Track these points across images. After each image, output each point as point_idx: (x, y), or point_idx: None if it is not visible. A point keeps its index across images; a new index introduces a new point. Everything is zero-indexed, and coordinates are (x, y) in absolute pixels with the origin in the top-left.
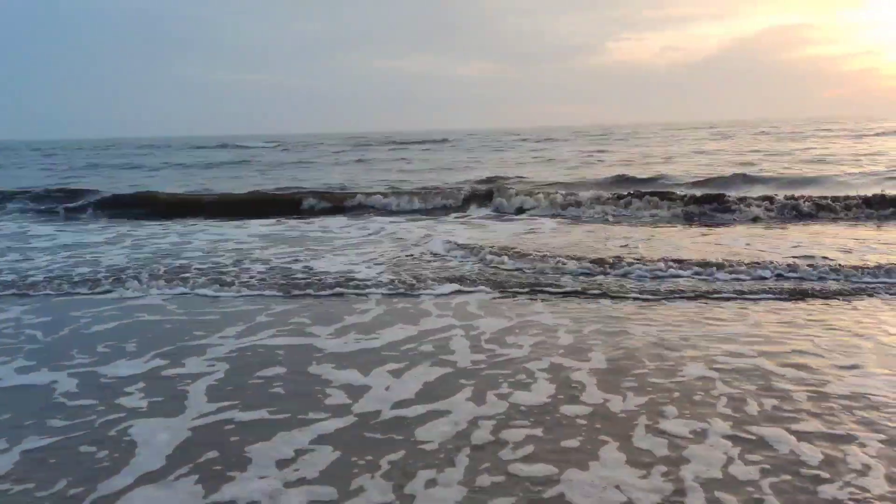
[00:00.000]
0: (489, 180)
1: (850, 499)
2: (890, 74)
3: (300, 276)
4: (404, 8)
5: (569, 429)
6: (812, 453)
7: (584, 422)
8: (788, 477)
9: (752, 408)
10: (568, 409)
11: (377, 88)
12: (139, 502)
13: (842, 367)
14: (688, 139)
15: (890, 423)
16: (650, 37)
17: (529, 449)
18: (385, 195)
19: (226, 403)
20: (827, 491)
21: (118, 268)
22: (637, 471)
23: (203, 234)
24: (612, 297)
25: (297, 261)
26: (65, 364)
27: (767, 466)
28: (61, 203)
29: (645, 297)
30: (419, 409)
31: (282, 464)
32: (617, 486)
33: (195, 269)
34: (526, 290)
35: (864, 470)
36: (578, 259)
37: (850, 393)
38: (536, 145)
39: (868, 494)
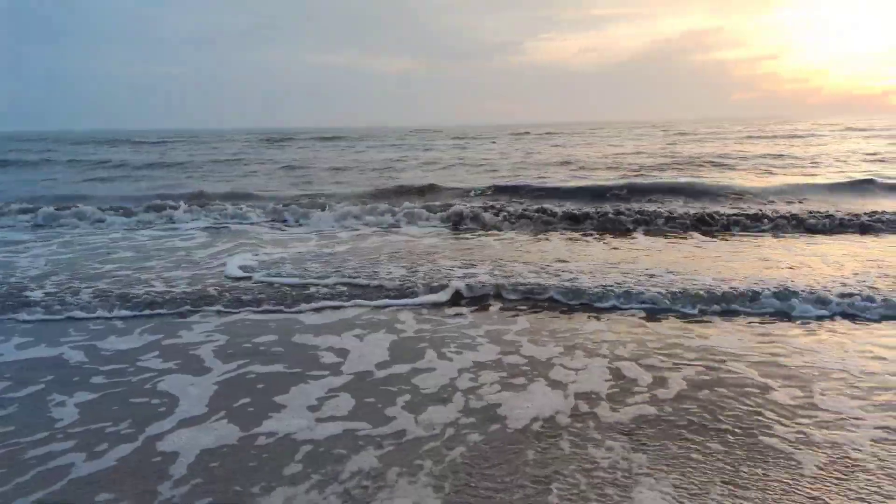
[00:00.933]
0: (425, 188)
1: (648, 401)
2: (792, 78)
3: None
4: (328, 2)
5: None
6: (646, 377)
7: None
8: (619, 389)
9: (622, 350)
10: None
11: (303, 83)
12: (186, 438)
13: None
14: (602, 140)
15: (701, 365)
16: (570, 37)
17: (497, 387)
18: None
19: (239, 362)
20: (638, 397)
21: None
22: (549, 391)
23: None
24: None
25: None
26: (60, 340)
27: (614, 384)
28: None
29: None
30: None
31: (311, 408)
32: (540, 405)
33: None
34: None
35: (668, 385)
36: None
37: (697, 346)
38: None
39: (659, 399)
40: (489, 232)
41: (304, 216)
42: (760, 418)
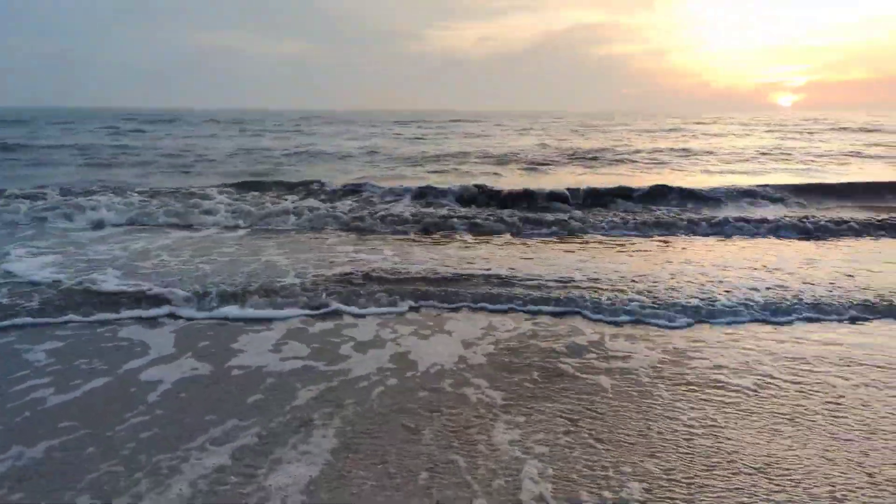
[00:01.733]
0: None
1: (508, 359)
2: (682, 73)
3: None
4: None
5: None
6: (519, 326)
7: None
8: (493, 338)
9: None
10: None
11: (189, 63)
12: (159, 373)
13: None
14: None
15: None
16: (467, 26)
17: (420, 337)
18: None
19: (204, 313)
20: (498, 345)
21: None
22: (446, 338)
23: None
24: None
25: None
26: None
27: (492, 335)
28: None
29: None
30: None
31: (272, 349)
32: (444, 352)
33: None
34: None
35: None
36: None
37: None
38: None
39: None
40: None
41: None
42: (577, 358)
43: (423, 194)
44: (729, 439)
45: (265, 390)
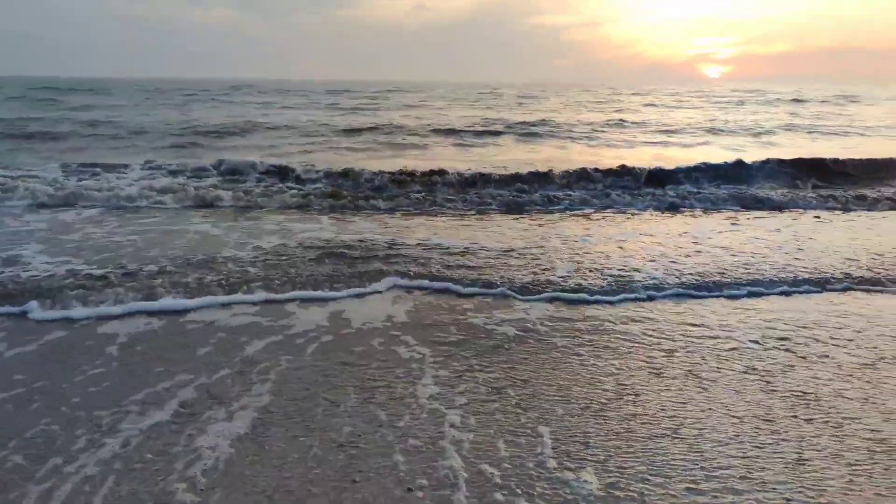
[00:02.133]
0: None
1: (431, 325)
2: (610, 45)
3: None
4: None
5: None
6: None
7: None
8: (436, 304)
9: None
10: None
11: (113, 31)
12: (115, 327)
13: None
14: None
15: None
16: None
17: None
18: None
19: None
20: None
21: None
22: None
23: None
24: None
25: None
26: None
27: (420, 303)
28: None
29: None
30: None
31: (222, 307)
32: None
33: None
34: None
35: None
36: None
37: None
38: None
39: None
40: None
41: None
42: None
43: (347, 173)
44: (647, 402)
45: (216, 344)
